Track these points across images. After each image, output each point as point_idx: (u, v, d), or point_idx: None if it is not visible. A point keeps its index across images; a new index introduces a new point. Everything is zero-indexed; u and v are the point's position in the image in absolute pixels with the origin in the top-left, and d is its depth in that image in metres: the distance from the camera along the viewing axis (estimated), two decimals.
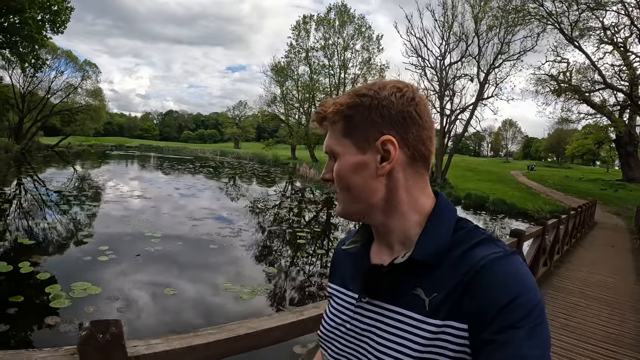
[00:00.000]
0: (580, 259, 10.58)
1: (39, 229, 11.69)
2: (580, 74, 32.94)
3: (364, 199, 0.92)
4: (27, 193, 18.31)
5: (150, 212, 15.35)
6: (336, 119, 0.92)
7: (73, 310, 6.70)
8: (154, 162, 47.05)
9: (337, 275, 1.12)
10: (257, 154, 60.42)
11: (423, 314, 0.83)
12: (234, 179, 33.16)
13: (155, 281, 8.43)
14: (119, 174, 30.03)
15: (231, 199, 22.36)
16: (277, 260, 11.14)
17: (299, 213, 18.62)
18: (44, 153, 43.86)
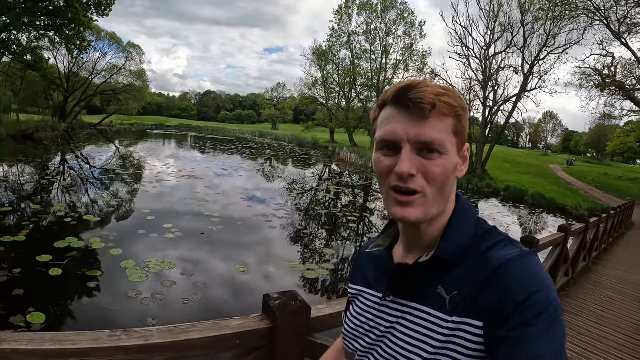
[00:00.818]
0: (617, 258, 10.75)
1: (99, 206, 12.25)
2: (626, 70, 31.88)
3: (446, 201, 0.94)
4: (80, 170, 19.03)
5: (205, 192, 15.81)
6: (448, 114, 0.89)
7: (152, 285, 7.12)
8: (196, 142, 47.83)
9: (360, 277, 1.16)
10: (296, 136, 60.52)
11: (443, 311, 0.87)
12: (278, 161, 33.46)
13: (223, 258, 8.83)
14: (169, 153, 30.72)
15: (281, 180, 22.65)
16: (332, 241, 11.34)
17: (354, 197, 18.81)
18: (88, 131, 45.21)
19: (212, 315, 6.31)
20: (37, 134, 30.81)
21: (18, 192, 12.99)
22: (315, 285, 8.12)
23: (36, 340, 1.52)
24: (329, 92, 59.46)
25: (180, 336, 1.69)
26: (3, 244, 8.07)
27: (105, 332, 1.61)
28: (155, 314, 6.10)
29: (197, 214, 12.12)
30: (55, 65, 43.35)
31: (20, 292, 6.26)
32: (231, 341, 1.77)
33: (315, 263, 9.19)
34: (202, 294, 6.91)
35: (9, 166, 18.12)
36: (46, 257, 7.62)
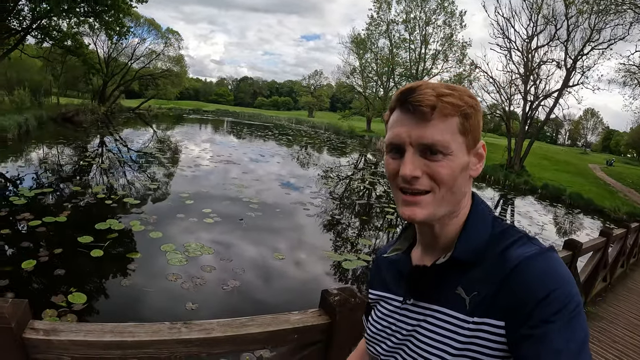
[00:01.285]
0: None
1: (138, 189, 12.42)
2: None
3: (457, 201, 0.94)
4: (118, 153, 19.33)
5: (242, 177, 15.81)
6: (452, 114, 0.88)
7: (191, 269, 7.11)
8: (232, 127, 48.32)
9: (380, 282, 1.17)
10: (332, 124, 60.35)
11: (464, 312, 0.87)
12: (314, 148, 33.37)
13: (261, 245, 8.76)
14: (205, 137, 30.94)
15: (316, 168, 22.62)
16: (366, 231, 11.16)
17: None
18: (126, 115, 46.27)
19: (251, 302, 6.30)
20: (77, 117, 31.48)
21: (58, 173, 13.22)
22: (349, 276, 7.99)
23: (95, 332, 1.56)
24: (366, 80, 59.03)
25: (241, 330, 1.71)
26: (45, 224, 8.20)
27: (165, 324, 1.64)
28: (194, 298, 6.07)
29: (235, 199, 12.12)
30: (95, 51, 44.27)
31: (61, 272, 6.32)
32: (289, 336, 1.80)
33: (348, 252, 9.09)
34: (241, 280, 6.86)
35: (50, 148, 18.53)
36: (87, 238, 7.71)
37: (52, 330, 1.56)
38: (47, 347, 1.53)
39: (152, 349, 1.58)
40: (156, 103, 60.89)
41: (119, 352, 1.57)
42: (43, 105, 30.40)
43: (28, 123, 22.19)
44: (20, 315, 1.48)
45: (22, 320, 1.51)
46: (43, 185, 11.38)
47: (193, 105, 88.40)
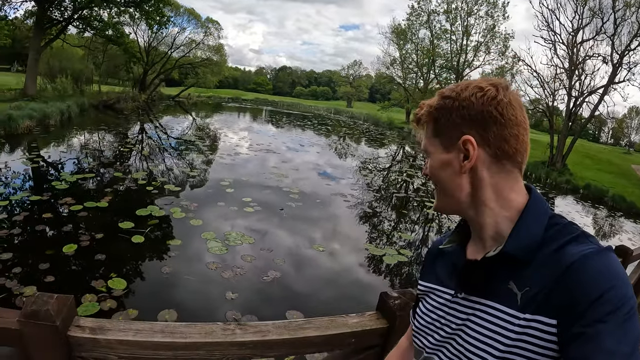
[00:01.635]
0: None
1: (179, 176, 12.45)
2: None
3: (451, 195, 1.01)
4: (158, 140, 19.51)
5: (282, 166, 15.73)
6: (427, 120, 1.03)
7: (231, 258, 7.03)
8: (271, 116, 48.38)
9: (432, 273, 1.18)
10: (371, 115, 59.83)
11: (515, 308, 0.87)
12: (352, 139, 33.07)
13: (302, 236, 8.61)
14: (244, 126, 31.05)
15: (354, 158, 22.37)
16: (407, 225, 10.85)
17: (428, 181, 17.79)
18: (166, 102, 46.88)
19: (291, 293, 6.17)
20: (118, 104, 31.97)
21: (99, 159, 13.36)
22: (389, 271, 7.75)
23: (145, 331, 1.53)
24: (406, 72, 57.93)
25: (297, 333, 1.66)
26: (86, 209, 8.24)
27: (219, 325, 1.63)
28: (234, 288, 5.98)
29: (275, 188, 12.03)
30: (136, 40, 44.88)
31: (101, 257, 6.30)
32: (347, 340, 1.75)
33: (388, 246, 8.85)
34: (281, 271, 6.73)
35: (91, 134, 18.85)
36: (128, 224, 7.71)
37: (99, 328, 1.53)
38: (93, 346, 1.51)
39: (204, 351, 1.55)
40: (196, 91, 61.52)
41: (170, 354, 1.53)
42: (85, 93, 30.97)
43: (70, 110, 22.58)
44: (65, 313, 1.46)
45: (68, 317, 1.49)
46: (84, 171, 11.50)
47: (232, 93, 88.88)
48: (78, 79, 32.00)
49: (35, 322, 1.40)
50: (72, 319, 1.54)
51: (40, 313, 1.39)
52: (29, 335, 1.44)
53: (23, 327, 1.42)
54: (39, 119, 18.17)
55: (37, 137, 16.11)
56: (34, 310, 1.40)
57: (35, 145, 14.39)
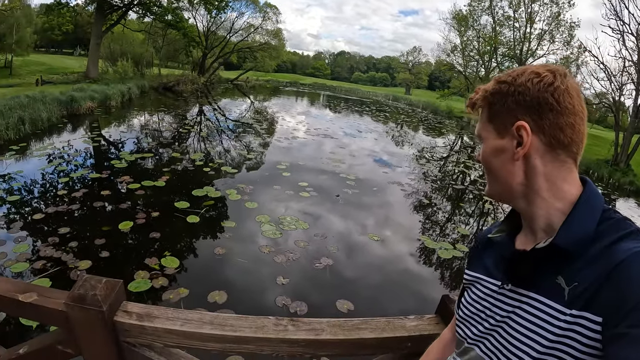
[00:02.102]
0: None
1: (235, 158, 12.48)
2: None
3: (502, 182, 1.01)
4: (216, 122, 19.71)
5: (339, 152, 15.56)
6: (482, 105, 1.03)
7: (284, 242, 6.95)
8: (328, 101, 48.22)
9: (479, 263, 1.17)
10: (430, 103, 58.58)
11: (562, 303, 0.84)
12: (409, 127, 32.45)
13: (356, 224, 8.41)
14: (301, 110, 30.99)
15: (411, 146, 21.91)
16: (461, 218, 10.44)
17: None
18: (224, 86, 47.50)
19: (343, 282, 6.02)
20: (177, 86, 32.68)
21: (158, 139, 13.62)
22: (446, 266, 7.37)
23: (194, 322, 1.52)
24: (467, 59, 56.23)
25: (352, 334, 1.60)
26: (144, 187, 8.38)
27: (270, 320, 1.58)
28: (286, 273, 5.90)
29: (331, 174, 11.86)
30: (195, 24, 45.78)
31: (156, 235, 6.36)
32: (403, 343, 1.68)
33: (442, 238, 8.56)
34: (334, 259, 6.56)
35: (151, 115, 19.26)
36: (184, 204, 7.77)
37: (146, 315, 1.54)
38: (140, 333, 1.52)
39: (254, 346, 1.52)
40: (254, 75, 62.20)
41: (218, 346, 1.52)
42: (145, 76, 31.87)
43: (130, 92, 23.28)
44: (113, 297, 1.48)
45: (115, 302, 1.51)
46: (143, 150, 11.74)
47: (290, 78, 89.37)
48: (138, 62, 33.03)
49: (81, 306, 1.43)
50: (120, 303, 1.56)
51: (87, 297, 1.42)
52: (74, 318, 1.47)
53: (69, 309, 1.45)
54: (100, 100, 18.74)
55: (98, 117, 16.62)
56: (81, 294, 1.42)
57: (97, 125, 14.82)
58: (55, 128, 13.28)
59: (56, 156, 10.00)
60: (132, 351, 1.61)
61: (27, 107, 12.61)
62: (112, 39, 32.96)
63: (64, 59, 45.45)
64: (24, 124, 11.84)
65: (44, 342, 1.74)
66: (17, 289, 1.61)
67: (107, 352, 1.57)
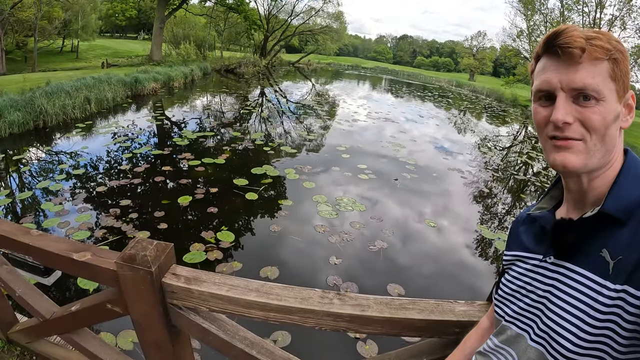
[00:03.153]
0: None
1: (295, 138, 12.52)
2: None
3: (609, 152, 0.89)
4: (277, 103, 19.78)
5: (398, 137, 15.33)
6: (602, 57, 0.84)
7: (340, 223, 6.90)
8: (390, 85, 47.65)
9: (517, 242, 1.13)
10: (494, 90, 56.88)
11: (606, 278, 0.81)
12: (472, 114, 31.62)
13: (414, 209, 8.23)
14: (362, 94, 30.75)
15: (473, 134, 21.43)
16: (521, 210, 9.99)
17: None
18: (286, 68, 47.96)
19: (395, 267, 5.92)
20: (239, 69, 33.24)
21: (220, 119, 13.82)
22: (501, 256, 7.02)
23: (239, 288, 1.52)
24: (533, 45, 54.06)
25: (399, 313, 1.53)
26: (204, 164, 8.50)
27: (317, 292, 1.55)
28: (339, 253, 5.85)
29: (391, 158, 11.67)
30: (256, 8, 46.24)
31: (214, 211, 6.44)
32: (450, 329, 1.59)
33: (501, 230, 8.00)
34: (388, 243, 6.45)
35: (213, 96, 19.60)
36: (242, 181, 7.83)
37: (194, 279, 1.56)
38: (186, 295, 1.54)
39: (298, 317, 1.49)
40: (315, 58, 62.42)
41: (261, 314, 1.50)
42: (207, 58, 32.47)
43: (193, 73, 23.77)
44: (163, 260, 1.50)
45: (165, 264, 1.53)
46: (205, 129, 11.91)
47: (351, 61, 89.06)
48: (201, 45, 33.63)
49: (131, 265, 1.45)
50: (170, 266, 1.57)
51: (138, 257, 1.44)
52: (124, 277, 1.50)
53: (119, 269, 1.49)
54: (163, 82, 19.23)
55: (161, 97, 17.06)
56: (132, 254, 1.44)
57: (160, 105, 15.22)
58: (120, 107, 13.74)
59: (120, 134, 10.34)
60: (177, 313, 1.62)
61: (93, 88, 13.07)
62: (175, 23, 33.74)
63: (128, 43, 46.97)
64: (90, 104, 12.30)
65: (95, 300, 1.79)
66: (73, 248, 1.66)
67: (153, 313, 1.60)
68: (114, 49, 37.13)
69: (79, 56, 32.24)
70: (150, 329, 1.67)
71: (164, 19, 28.72)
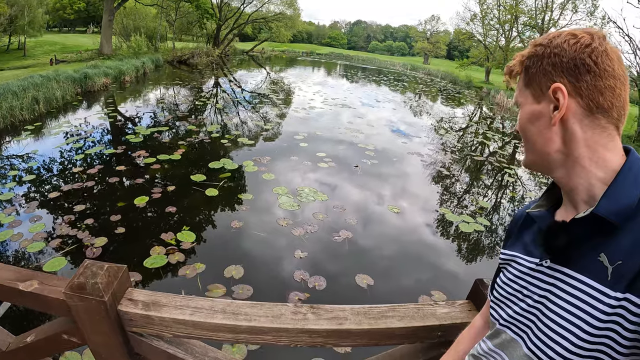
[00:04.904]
0: None
1: (252, 129, 12.36)
2: None
3: (540, 150, 0.94)
4: (232, 93, 19.51)
5: (356, 122, 15.39)
6: (519, 70, 0.96)
7: (302, 215, 6.82)
8: (345, 70, 47.79)
9: (515, 241, 1.11)
10: (449, 72, 57.68)
11: (604, 283, 0.79)
12: (428, 97, 31.98)
13: (375, 195, 8.25)
14: (318, 80, 30.71)
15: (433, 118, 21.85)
16: (479, 190, 10.20)
17: (504, 145, 16.78)
18: (240, 57, 47.42)
19: (362, 256, 5.88)
20: (192, 59, 32.60)
21: (174, 113, 13.51)
22: (464, 236, 7.13)
23: (204, 310, 1.43)
24: (487, 28, 54.81)
25: (379, 322, 1.48)
26: (159, 161, 8.30)
27: (289, 308, 1.48)
28: (304, 246, 5.79)
29: (350, 144, 11.69)
30: None
31: (172, 210, 6.28)
32: (433, 333, 1.57)
33: (462, 209, 8.29)
34: (353, 231, 6.42)
35: (166, 89, 19.14)
36: (200, 177, 7.69)
37: (153, 303, 1.45)
38: (147, 323, 1.43)
39: (270, 336, 1.41)
40: (269, 46, 61.90)
41: (230, 336, 1.42)
42: (159, 50, 31.74)
43: (145, 66, 23.20)
44: (116, 286, 1.39)
45: (119, 289, 1.42)
46: (159, 124, 11.63)
47: (306, 48, 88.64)
48: (152, 37, 32.83)
49: (81, 295, 1.33)
50: (125, 291, 1.47)
51: (88, 286, 1.32)
52: (77, 308, 1.38)
53: (69, 299, 1.36)
54: (114, 76, 18.67)
55: (113, 93, 16.54)
56: (81, 283, 1.32)
57: (112, 101, 14.75)
58: (70, 106, 13.23)
59: (72, 134, 9.96)
60: (139, 341, 1.52)
61: (41, 87, 12.53)
62: (125, 15, 32.75)
63: (78, 37, 45.38)
64: (39, 104, 11.80)
65: (50, 330, 1.66)
66: (18, 277, 1.52)
67: (113, 342, 1.49)
68: (62, 44, 35.75)
69: (26, 54, 30.91)
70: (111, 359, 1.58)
71: (113, 11, 27.85)
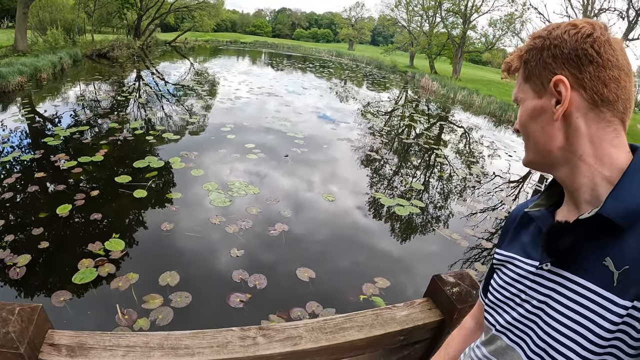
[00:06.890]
0: None
1: (177, 123, 11.97)
2: None
3: (542, 147, 0.89)
4: (155, 87, 18.83)
5: (284, 110, 15.29)
6: (518, 66, 0.92)
7: (235, 210, 6.68)
8: (271, 59, 47.31)
9: (513, 241, 1.05)
10: (374, 58, 58.66)
11: (611, 290, 0.73)
12: (353, 82, 32.33)
13: (308, 184, 8.26)
14: (243, 69, 30.24)
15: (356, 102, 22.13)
16: (408, 171, 10.47)
17: (431, 127, 17.19)
18: (162, 48, 45.71)
19: (300, 248, 5.85)
20: (112, 52, 31.20)
21: (95, 110, 12.83)
22: (402, 223, 7.28)
23: (138, 348, 1.24)
24: (411, 14, 55.80)
25: (337, 337, 1.36)
26: (80, 164, 7.85)
27: (235, 333, 1.31)
28: (239, 244, 5.67)
29: (278, 133, 11.63)
30: None
31: (98, 217, 5.95)
32: (395, 339, 1.49)
33: (394, 192, 8.55)
34: (288, 224, 6.38)
35: (86, 85, 18.21)
36: (125, 178, 7.37)
37: (79, 347, 1.23)
38: None
39: None
40: (192, 35, 60.32)
41: None
42: (77, 43, 30.11)
43: (62, 62, 21.92)
44: (32, 331, 1.15)
45: (37, 335, 1.18)
46: (80, 123, 11.01)
47: (230, 37, 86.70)
48: (70, 30, 31.12)
49: None
50: (44, 335, 1.23)
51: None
52: None
53: None
54: (30, 74, 17.47)
55: (29, 92, 15.52)
56: None
57: (28, 101, 13.83)
58: None
59: None
60: None
61: None
62: (41, 7, 30.90)
63: None
64: None
65: None
66: None
67: None
68: None
69: None
70: None
71: (28, 3, 26.10)
